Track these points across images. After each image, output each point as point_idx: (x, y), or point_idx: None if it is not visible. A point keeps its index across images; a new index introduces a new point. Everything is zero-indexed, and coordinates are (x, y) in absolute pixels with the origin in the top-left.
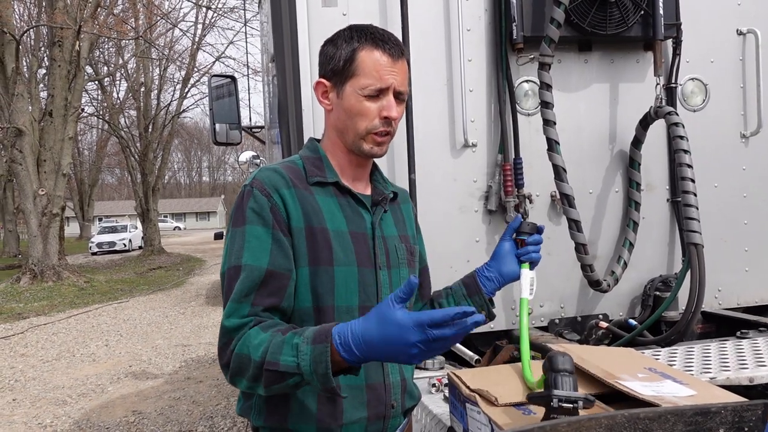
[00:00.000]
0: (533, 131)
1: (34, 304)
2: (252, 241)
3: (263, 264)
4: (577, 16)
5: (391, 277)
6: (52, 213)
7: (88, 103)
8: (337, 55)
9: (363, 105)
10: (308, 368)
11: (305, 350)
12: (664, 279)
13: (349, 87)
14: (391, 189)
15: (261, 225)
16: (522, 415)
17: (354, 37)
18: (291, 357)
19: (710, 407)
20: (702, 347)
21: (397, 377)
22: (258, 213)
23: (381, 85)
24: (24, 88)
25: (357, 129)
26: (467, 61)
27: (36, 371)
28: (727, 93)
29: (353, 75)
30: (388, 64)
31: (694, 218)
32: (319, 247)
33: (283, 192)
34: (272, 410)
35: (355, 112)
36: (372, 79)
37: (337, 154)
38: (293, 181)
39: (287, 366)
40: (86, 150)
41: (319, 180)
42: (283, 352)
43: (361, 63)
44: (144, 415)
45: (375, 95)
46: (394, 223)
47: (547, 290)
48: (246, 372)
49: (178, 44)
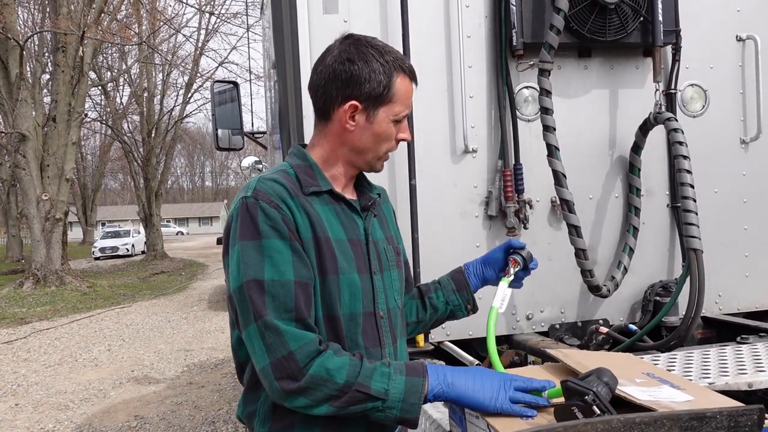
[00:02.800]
0: (533, 137)
1: (37, 308)
2: (274, 255)
3: (290, 276)
4: (577, 22)
5: (384, 280)
6: (55, 218)
7: (92, 108)
8: (374, 78)
9: (391, 130)
10: (398, 395)
11: (398, 381)
12: (664, 284)
13: (383, 113)
14: (376, 191)
15: (278, 238)
16: (520, 419)
17: (389, 62)
18: (382, 384)
19: (706, 412)
20: (701, 352)
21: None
22: (273, 227)
23: (407, 111)
24: (28, 94)
25: (379, 151)
26: (467, 68)
27: (38, 376)
28: (726, 99)
29: (389, 101)
30: (412, 92)
31: (694, 224)
32: (325, 256)
33: (288, 202)
34: (279, 417)
35: (384, 137)
36: (404, 106)
37: (336, 165)
38: (293, 192)
39: (377, 391)
40: (89, 155)
41: (314, 190)
42: (374, 379)
43: (398, 91)
44: (146, 420)
45: (400, 120)
46: (380, 226)
47: (548, 295)
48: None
49: (182, 50)
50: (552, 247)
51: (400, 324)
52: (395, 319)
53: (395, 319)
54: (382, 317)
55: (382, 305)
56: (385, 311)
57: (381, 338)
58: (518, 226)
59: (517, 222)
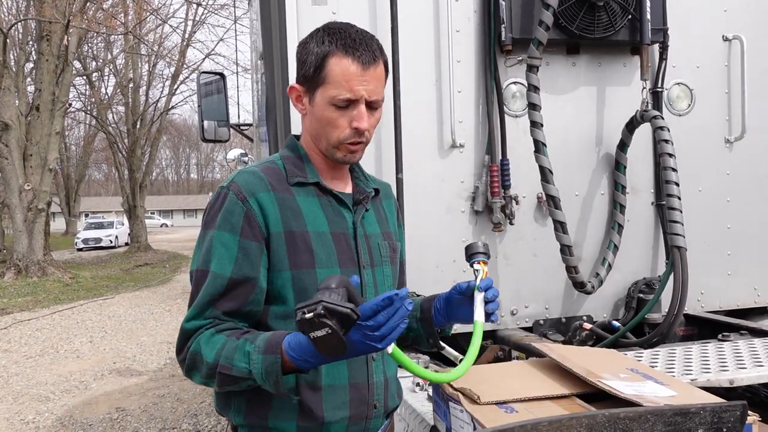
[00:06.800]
0: (521, 133)
1: (18, 299)
2: (219, 248)
3: (227, 272)
4: (566, 19)
5: (375, 275)
6: (38, 208)
7: (76, 98)
8: (308, 60)
9: (333, 115)
10: (260, 375)
11: (256, 359)
12: (648, 281)
13: (320, 95)
14: (373, 185)
15: (229, 232)
16: (504, 413)
17: (325, 41)
18: (244, 364)
19: (689, 408)
20: (684, 349)
21: (381, 377)
22: (228, 219)
23: (351, 96)
24: (11, 82)
25: (329, 138)
26: (456, 62)
27: (19, 367)
28: (712, 98)
29: (323, 83)
30: (358, 74)
31: (678, 221)
32: (300, 250)
33: (260, 196)
34: (252, 408)
35: (326, 122)
36: (341, 89)
37: (315, 155)
38: (272, 184)
39: (240, 371)
40: (73, 145)
41: (299, 180)
42: (235, 358)
43: (331, 72)
44: (127, 412)
45: (344, 106)
46: (377, 221)
47: (532, 291)
48: (200, 370)
49: (168, 40)
50: (537, 243)
51: None
52: None
53: None
54: None
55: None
56: None
57: None
58: (504, 221)
59: (503, 217)
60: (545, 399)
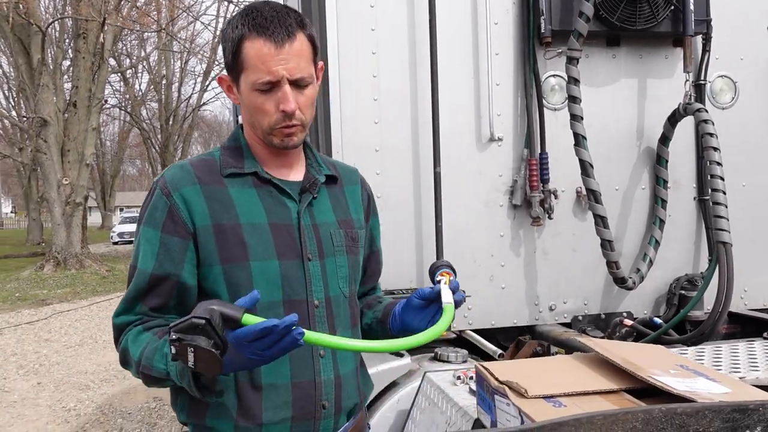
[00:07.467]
0: (560, 126)
1: (58, 291)
2: (144, 244)
3: (149, 269)
4: (606, 10)
5: (325, 266)
6: (76, 202)
7: (111, 95)
8: (227, 47)
9: (258, 100)
10: (176, 377)
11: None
12: (690, 278)
13: (243, 82)
14: (327, 172)
15: (152, 227)
16: (553, 407)
17: (238, 25)
18: (162, 365)
19: (748, 404)
20: (730, 347)
21: (330, 375)
22: (153, 214)
23: (270, 77)
24: (49, 79)
25: (261, 125)
26: (494, 55)
27: (60, 356)
28: (756, 91)
29: (243, 69)
30: (273, 54)
31: (723, 216)
32: (230, 243)
33: (185, 190)
34: (192, 407)
35: (254, 109)
36: (259, 72)
37: (256, 143)
38: (199, 177)
39: (159, 372)
40: (108, 141)
41: (233, 171)
42: (155, 359)
43: (247, 56)
44: (165, 402)
45: (267, 89)
46: (331, 208)
47: (571, 286)
48: (132, 366)
49: (200, 37)
50: (576, 238)
51: (344, 313)
52: (337, 308)
53: (337, 308)
54: (317, 306)
55: (319, 293)
56: (323, 299)
57: (313, 328)
58: (543, 216)
59: (542, 212)
60: (594, 394)
